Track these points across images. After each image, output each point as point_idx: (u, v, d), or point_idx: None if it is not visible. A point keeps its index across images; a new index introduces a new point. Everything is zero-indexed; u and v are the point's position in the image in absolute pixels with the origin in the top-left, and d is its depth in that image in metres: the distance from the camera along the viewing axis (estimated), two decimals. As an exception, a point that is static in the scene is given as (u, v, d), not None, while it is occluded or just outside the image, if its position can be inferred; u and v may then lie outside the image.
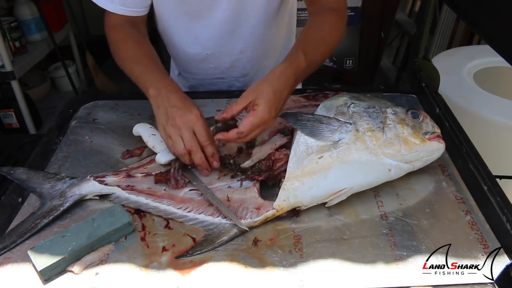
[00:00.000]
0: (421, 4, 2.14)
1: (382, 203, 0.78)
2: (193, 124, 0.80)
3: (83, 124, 1.01)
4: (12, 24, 2.23)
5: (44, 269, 0.64)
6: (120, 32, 0.97)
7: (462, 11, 0.97)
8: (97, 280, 0.65)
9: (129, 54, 0.94)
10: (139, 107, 1.06)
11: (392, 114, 0.82)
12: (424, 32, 1.14)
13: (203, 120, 0.81)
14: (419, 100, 1.08)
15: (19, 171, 0.83)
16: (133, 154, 0.91)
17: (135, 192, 0.80)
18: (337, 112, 0.83)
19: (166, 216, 0.76)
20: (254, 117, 0.77)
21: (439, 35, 2.26)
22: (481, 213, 0.76)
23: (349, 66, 2.71)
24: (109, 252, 0.70)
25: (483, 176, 0.81)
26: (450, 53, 1.81)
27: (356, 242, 0.71)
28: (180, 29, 1.06)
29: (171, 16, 1.05)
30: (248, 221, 0.73)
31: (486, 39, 0.84)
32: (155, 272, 0.66)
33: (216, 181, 0.81)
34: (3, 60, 2.08)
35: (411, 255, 0.68)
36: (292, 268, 0.67)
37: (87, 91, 2.98)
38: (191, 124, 0.80)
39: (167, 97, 0.83)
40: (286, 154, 0.81)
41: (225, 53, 1.09)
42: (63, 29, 2.70)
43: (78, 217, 0.76)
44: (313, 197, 0.75)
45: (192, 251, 0.70)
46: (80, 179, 0.81)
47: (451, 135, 0.92)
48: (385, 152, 0.77)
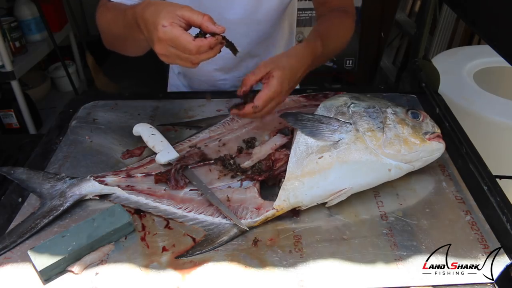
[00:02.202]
0: (421, 4, 2.14)
1: (382, 203, 0.78)
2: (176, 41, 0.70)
3: (83, 124, 1.01)
4: (12, 24, 2.23)
5: (44, 269, 0.64)
6: (104, 5, 0.92)
7: (462, 11, 0.97)
8: (97, 280, 0.65)
9: (108, 17, 0.89)
10: (139, 107, 1.06)
11: (392, 114, 0.82)
12: (424, 32, 1.14)
13: (176, 29, 0.70)
14: (419, 100, 1.08)
15: (19, 171, 0.83)
16: (133, 154, 0.91)
17: (135, 192, 0.80)
18: (337, 112, 0.83)
19: (166, 216, 0.76)
20: (268, 90, 0.77)
21: (439, 35, 2.26)
22: (481, 213, 0.76)
23: (349, 66, 2.71)
24: (109, 252, 0.70)
25: (483, 176, 0.81)
26: (450, 53, 1.81)
27: (356, 242, 0.71)
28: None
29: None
30: (248, 221, 0.73)
31: (486, 39, 0.84)
32: (155, 272, 0.66)
33: (216, 181, 0.81)
34: (3, 60, 2.08)
35: (411, 255, 0.68)
36: (292, 268, 0.67)
37: (87, 91, 2.98)
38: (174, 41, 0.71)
39: (142, 19, 0.74)
40: (286, 154, 0.81)
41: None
42: (63, 29, 2.70)
43: (78, 217, 0.76)
44: (313, 197, 0.75)
45: (192, 251, 0.70)
46: (80, 179, 0.81)
47: (451, 135, 0.92)
48: (385, 152, 0.77)
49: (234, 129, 0.94)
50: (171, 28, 0.69)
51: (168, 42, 0.70)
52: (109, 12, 0.90)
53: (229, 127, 0.95)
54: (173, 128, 0.99)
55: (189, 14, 0.71)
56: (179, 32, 0.69)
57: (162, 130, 0.95)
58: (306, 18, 2.55)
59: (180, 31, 0.69)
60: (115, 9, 0.88)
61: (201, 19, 0.71)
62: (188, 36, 0.69)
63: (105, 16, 0.90)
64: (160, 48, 0.72)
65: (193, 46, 0.69)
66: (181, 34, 0.69)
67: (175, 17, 0.70)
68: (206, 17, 0.71)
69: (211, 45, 0.70)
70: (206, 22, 0.71)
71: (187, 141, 0.93)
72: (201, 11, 0.84)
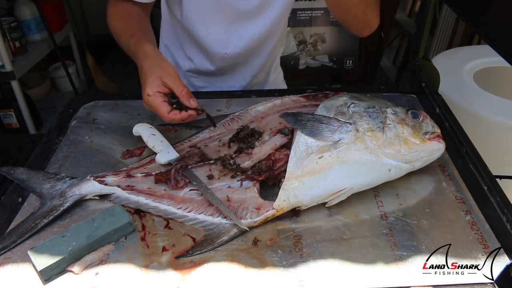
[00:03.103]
0: (421, 4, 2.14)
1: (382, 203, 0.78)
2: (155, 108, 0.83)
3: (83, 124, 1.01)
4: (12, 24, 2.23)
5: (44, 269, 0.64)
6: (113, 5, 0.99)
7: (462, 11, 0.97)
8: (97, 280, 0.65)
9: (117, 26, 0.97)
10: (139, 107, 1.06)
11: (392, 114, 0.82)
12: (424, 32, 1.14)
13: (158, 100, 0.82)
14: (419, 100, 1.08)
15: (19, 171, 0.83)
16: (133, 154, 0.91)
17: (135, 192, 0.80)
18: (337, 112, 0.83)
19: (166, 216, 0.76)
20: None
21: (439, 35, 2.26)
22: (481, 213, 0.76)
23: (349, 66, 2.71)
24: (109, 252, 0.70)
25: (483, 176, 0.81)
26: (450, 53, 1.81)
27: (356, 242, 0.71)
28: (218, 30, 1.07)
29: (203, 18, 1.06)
30: (248, 221, 0.73)
31: (486, 39, 0.84)
32: (155, 272, 0.66)
33: (216, 181, 0.81)
34: (3, 60, 2.08)
35: (411, 255, 0.68)
36: (292, 268, 0.67)
37: (87, 91, 2.98)
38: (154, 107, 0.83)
39: (139, 66, 0.86)
40: (286, 154, 0.81)
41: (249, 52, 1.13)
42: (63, 29, 2.71)
43: (78, 217, 0.76)
44: (313, 197, 0.75)
45: (192, 251, 0.70)
46: (80, 179, 0.81)
47: (451, 135, 0.92)
48: (385, 152, 0.77)
49: (234, 129, 0.94)
50: (153, 98, 0.81)
51: (150, 107, 0.83)
52: (118, 21, 0.98)
53: (229, 127, 0.96)
54: (173, 128, 0.99)
55: (172, 85, 0.82)
56: (159, 103, 0.81)
57: (162, 130, 0.95)
58: (306, 18, 2.55)
59: (160, 101, 0.81)
60: (124, 22, 0.97)
61: (179, 92, 0.82)
62: (165, 108, 0.81)
63: (114, 23, 0.98)
64: (145, 104, 0.84)
65: (166, 118, 0.82)
66: (161, 106, 0.81)
67: (159, 85, 0.82)
68: (184, 91, 0.82)
69: (183, 119, 0.82)
70: (183, 97, 0.82)
71: (187, 141, 0.93)
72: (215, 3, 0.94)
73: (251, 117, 0.97)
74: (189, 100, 0.82)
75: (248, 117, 0.97)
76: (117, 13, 0.99)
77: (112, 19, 0.99)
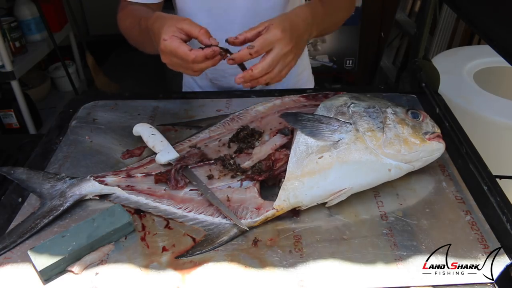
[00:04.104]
0: (421, 4, 2.14)
1: (382, 203, 0.78)
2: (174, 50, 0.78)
3: (83, 124, 1.01)
4: (12, 24, 2.23)
5: (44, 269, 0.64)
6: (122, 11, 1.02)
7: (462, 11, 0.97)
8: (97, 280, 0.65)
9: (127, 25, 0.99)
10: (139, 107, 1.06)
11: (392, 114, 0.82)
12: (424, 32, 1.14)
13: (175, 42, 0.77)
14: (419, 100, 1.08)
15: (19, 171, 0.83)
16: (133, 154, 0.91)
17: (135, 192, 0.80)
18: (337, 112, 0.83)
19: (166, 216, 0.76)
20: (267, 34, 0.77)
21: (439, 35, 2.26)
22: (481, 213, 0.76)
23: (349, 66, 2.72)
24: (109, 252, 0.70)
25: (483, 176, 0.81)
26: (450, 53, 1.81)
27: (356, 242, 0.71)
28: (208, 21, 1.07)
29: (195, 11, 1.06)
30: (248, 221, 0.73)
31: (486, 39, 0.84)
32: (155, 272, 0.66)
33: (216, 181, 0.81)
34: (3, 60, 2.08)
35: (411, 255, 0.68)
36: (292, 268, 0.67)
37: (87, 91, 2.98)
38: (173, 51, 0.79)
39: (152, 31, 0.83)
40: (286, 154, 0.81)
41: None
42: (63, 29, 2.71)
43: (78, 217, 0.76)
44: (313, 197, 0.75)
45: (192, 251, 0.70)
46: (80, 179, 0.81)
47: (451, 135, 0.92)
48: (385, 152, 0.77)
49: (234, 129, 0.94)
50: (171, 41, 0.77)
51: (169, 53, 0.78)
52: (128, 19, 0.99)
53: (229, 127, 0.95)
54: (173, 128, 0.99)
55: (188, 27, 0.78)
56: (177, 44, 0.77)
57: (162, 130, 0.95)
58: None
59: (178, 43, 0.77)
60: (133, 15, 0.98)
61: (197, 32, 0.78)
62: (185, 47, 0.76)
63: (124, 22, 1.01)
64: (164, 58, 0.80)
65: (188, 56, 0.76)
66: (179, 46, 0.77)
67: (175, 30, 0.77)
68: (203, 31, 0.78)
69: (206, 56, 0.77)
70: (202, 35, 0.78)
71: (187, 141, 0.93)
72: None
73: (251, 117, 0.97)
74: (209, 38, 0.77)
75: (248, 117, 0.98)
76: (127, 15, 1.01)
77: (123, 21, 1.01)
